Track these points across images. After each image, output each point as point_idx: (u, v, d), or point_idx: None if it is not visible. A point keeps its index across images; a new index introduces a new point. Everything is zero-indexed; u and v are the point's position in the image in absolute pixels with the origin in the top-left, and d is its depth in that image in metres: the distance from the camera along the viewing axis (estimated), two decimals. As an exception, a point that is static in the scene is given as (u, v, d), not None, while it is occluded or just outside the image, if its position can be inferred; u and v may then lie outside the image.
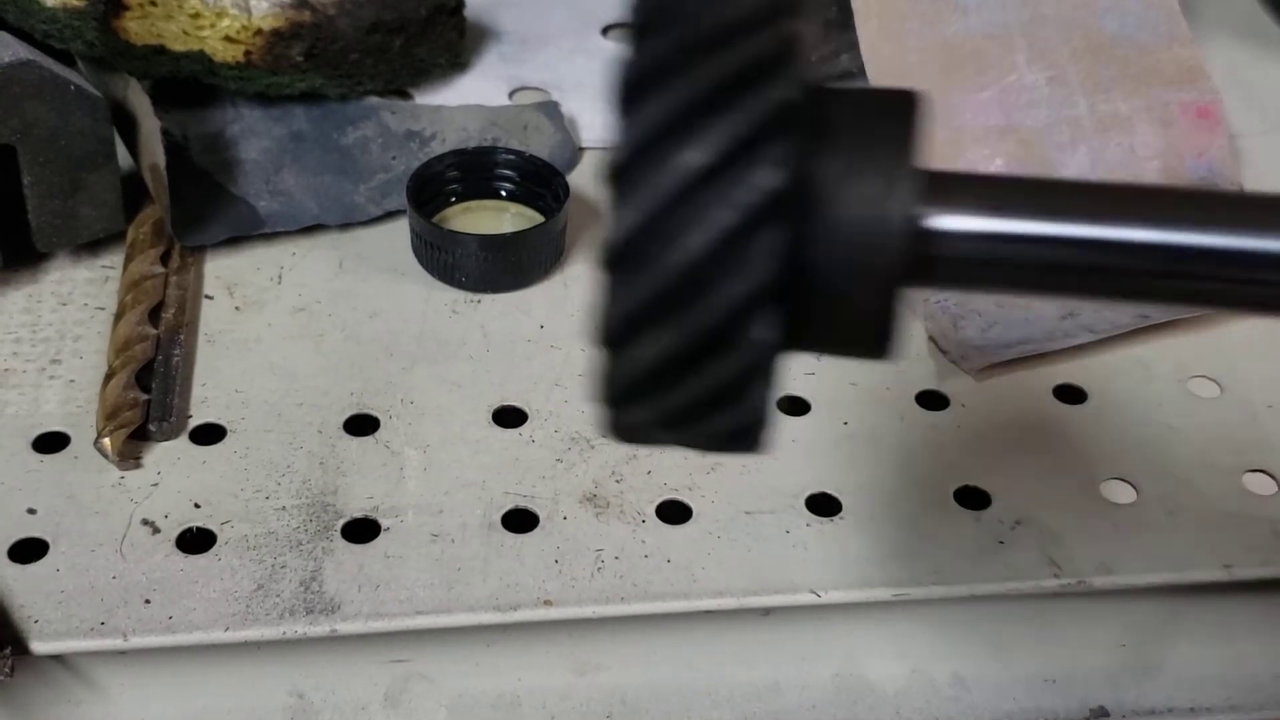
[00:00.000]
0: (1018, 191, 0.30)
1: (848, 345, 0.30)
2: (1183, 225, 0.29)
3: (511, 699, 0.50)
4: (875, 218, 0.28)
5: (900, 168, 0.28)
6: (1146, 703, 0.52)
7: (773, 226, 0.26)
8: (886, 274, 0.28)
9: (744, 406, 0.28)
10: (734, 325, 0.27)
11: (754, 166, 0.26)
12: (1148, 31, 0.64)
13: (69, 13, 0.60)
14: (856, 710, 0.51)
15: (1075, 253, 0.29)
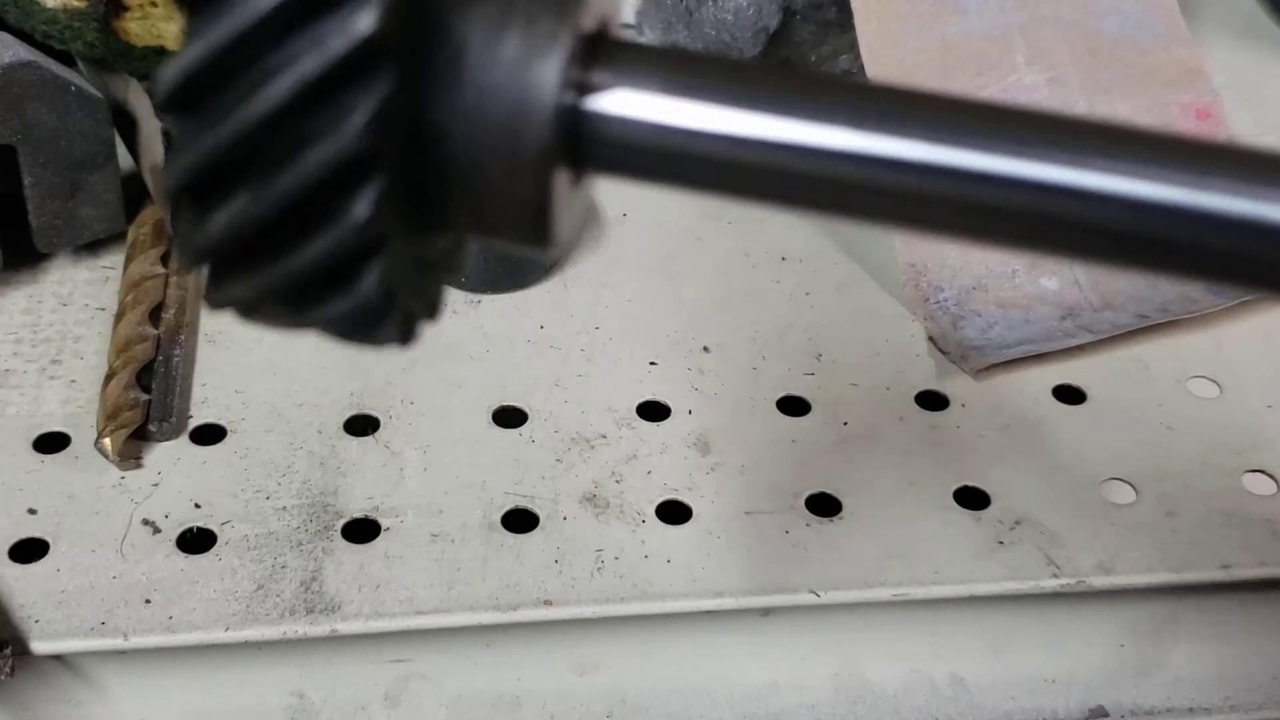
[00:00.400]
0: (704, 72, 0.26)
1: (499, 230, 0.26)
2: (888, 131, 0.25)
3: (511, 699, 0.50)
4: (522, 86, 0.24)
5: (560, 31, 0.24)
6: (1145, 702, 0.52)
7: (371, 82, 0.23)
8: (534, 153, 0.24)
9: (358, 289, 0.24)
10: (326, 195, 0.23)
11: (352, 8, 0.22)
12: (1147, 33, 0.64)
13: (69, 13, 0.60)
14: (856, 710, 0.51)
15: (760, 153, 0.25)
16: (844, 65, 0.70)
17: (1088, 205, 0.24)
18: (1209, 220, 0.24)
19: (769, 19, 0.66)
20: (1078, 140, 0.25)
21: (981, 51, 0.63)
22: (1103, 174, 0.24)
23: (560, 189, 0.26)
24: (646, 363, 0.57)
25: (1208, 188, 0.24)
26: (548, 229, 0.26)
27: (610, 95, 0.25)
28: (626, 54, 0.26)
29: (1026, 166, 0.25)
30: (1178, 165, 0.24)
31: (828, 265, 0.62)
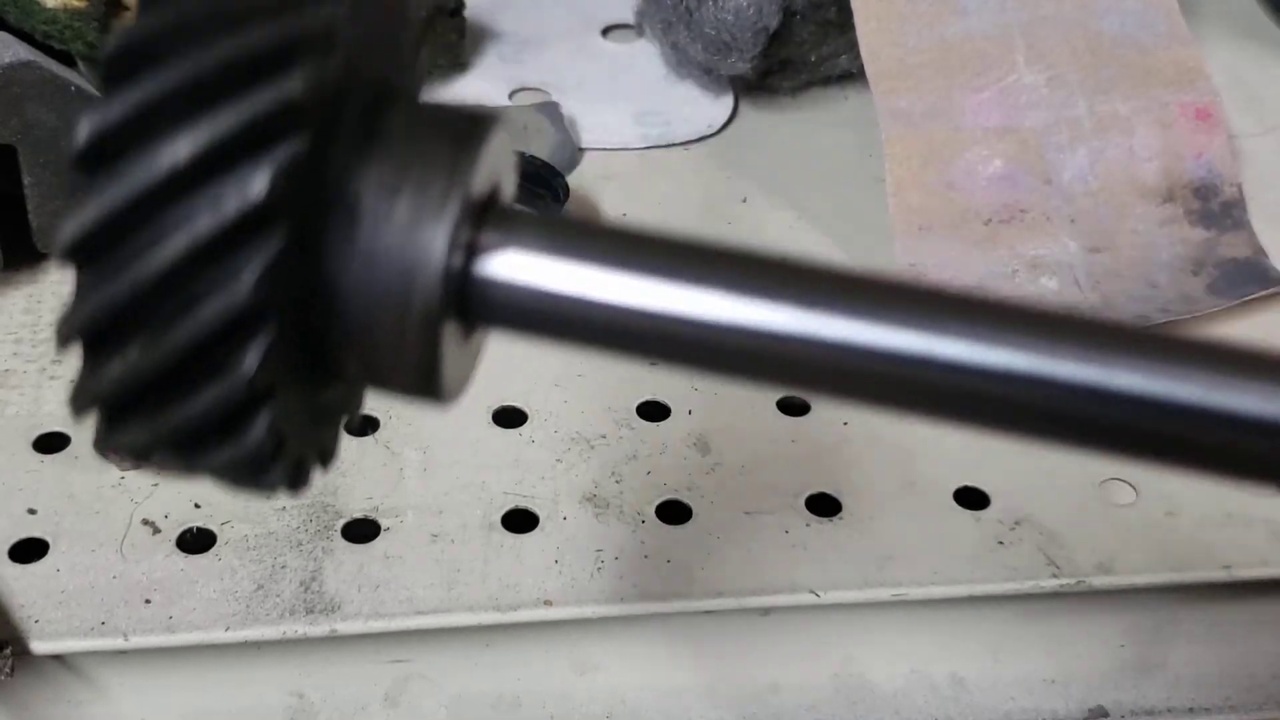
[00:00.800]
0: (584, 238, 0.27)
1: (390, 382, 0.27)
2: (758, 299, 0.26)
3: (511, 699, 0.50)
4: (412, 249, 0.25)
5: (450, 197, 0.25)
6: (1145, 703, 0.52)
7: (262, 242, 0.24)
8: (422, 314, 0.25)
9: (246, 439, 0.25)
10: (215, 349, 0.24)
11: (248, 171, 0.23)
12: (1147, 32, 0.64)
13: (69, 13, 0.61)
14: (856, 710, 0.51)
15: (632, 316, 0.26)
16: (844, 65, 0.70)
17: (932, 372, 0.26)
18: (1063, 388, 0.25)
19: (769, 19, 0.66)
20: (928, 309, 0.26)
21: (981, 51, 0.63)
22: (955, 342, 0.26)
23: (449, 345, 0.27)
24: (647, 363, 0.57)
25: (1056, 355, 0.25)
26: (437, 384, 0.27)
27: (496, 257, 0.26)
28: (513, 219, 0.27)
29: (878, 334, 0.26)
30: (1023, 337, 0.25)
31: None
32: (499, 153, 0.27)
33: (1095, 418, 0.25)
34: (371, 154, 0.25)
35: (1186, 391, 0.25)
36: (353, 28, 0.25)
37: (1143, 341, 0.25)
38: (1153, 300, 0.60)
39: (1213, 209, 0.63)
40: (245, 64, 0.24)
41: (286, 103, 0.23)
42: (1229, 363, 0.25)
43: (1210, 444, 0.25)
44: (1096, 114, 0.63)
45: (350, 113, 0.25)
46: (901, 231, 0.60)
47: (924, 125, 0.61)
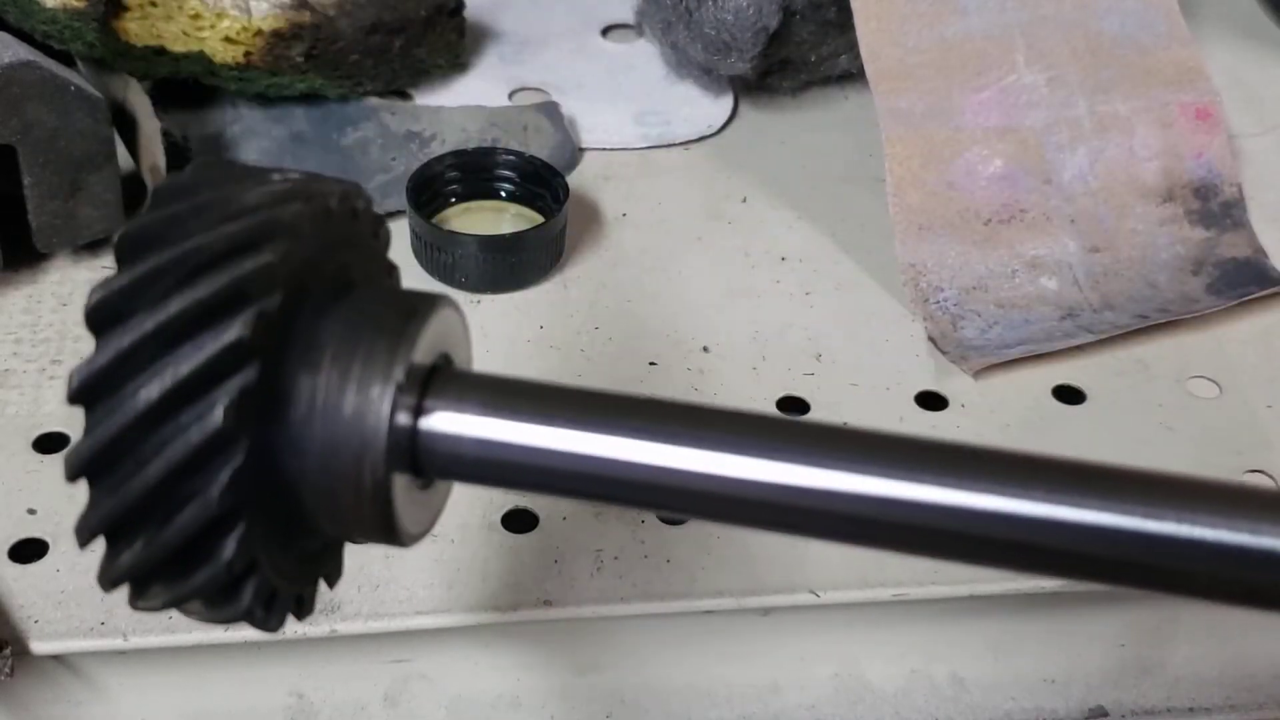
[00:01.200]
0: (518, 396, 0.31)
1: (358, 535, 0.32)
2: (678, 442, 0.30)
3: (511, 699, 0.50)
4: (361, 416, 0.30)
5: (394, 367, 0.30)
6: (1145, 702, 0.52)
7: (227, 457, 0.29)
8: (373, 469, 0.30)
9: (238, 603, 0.31)
10: (202, 540, 0.30)
11: (208, 403, 0.28)
12: (1147, 32, 0.64)
13: (69, 13, 0.61)
14: (856, 710, 0.51)
15: (554, 463, 0.30)
16: (844, 65, 0.70)
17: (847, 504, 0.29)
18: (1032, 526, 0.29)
19: (769, 19, 0.66)
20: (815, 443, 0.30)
21: (981, 51, 0.63)
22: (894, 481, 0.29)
23: (404, 497, 0.31)
24: (646, 363, 0.57)
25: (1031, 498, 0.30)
26: (396, 533, 0.32)
27: (440, 417, 0.31)
28: (456, 381, 0.31)
29: (771, 469, 0.29)
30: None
31: (828, 265, 0.62)
32: (447, 327, 0.32)
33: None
34: (324, 349, 0.30)
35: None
36: (296, 255, 0.30)
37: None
38: (1152, 300, 0.60)
39: (1212, 209, 0.63)
40: (199, 312, 0.29)
41: (234, 345, 0.29)
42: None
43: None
44: (1096, 114, 0.63)
45: (301, 322, 0.31)
46: (901, 231, 0.60)
47: (924, 125, 0.61)
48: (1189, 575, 0.28)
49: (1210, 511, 0.29)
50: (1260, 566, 0.28)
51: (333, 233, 0.32)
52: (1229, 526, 0.28)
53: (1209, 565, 0.28)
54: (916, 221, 0.60)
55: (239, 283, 0.29)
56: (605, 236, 0.63)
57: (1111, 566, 0.29)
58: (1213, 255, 0.62)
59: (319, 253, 0.31)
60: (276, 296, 0.29)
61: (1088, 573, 0.29)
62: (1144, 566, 0.29)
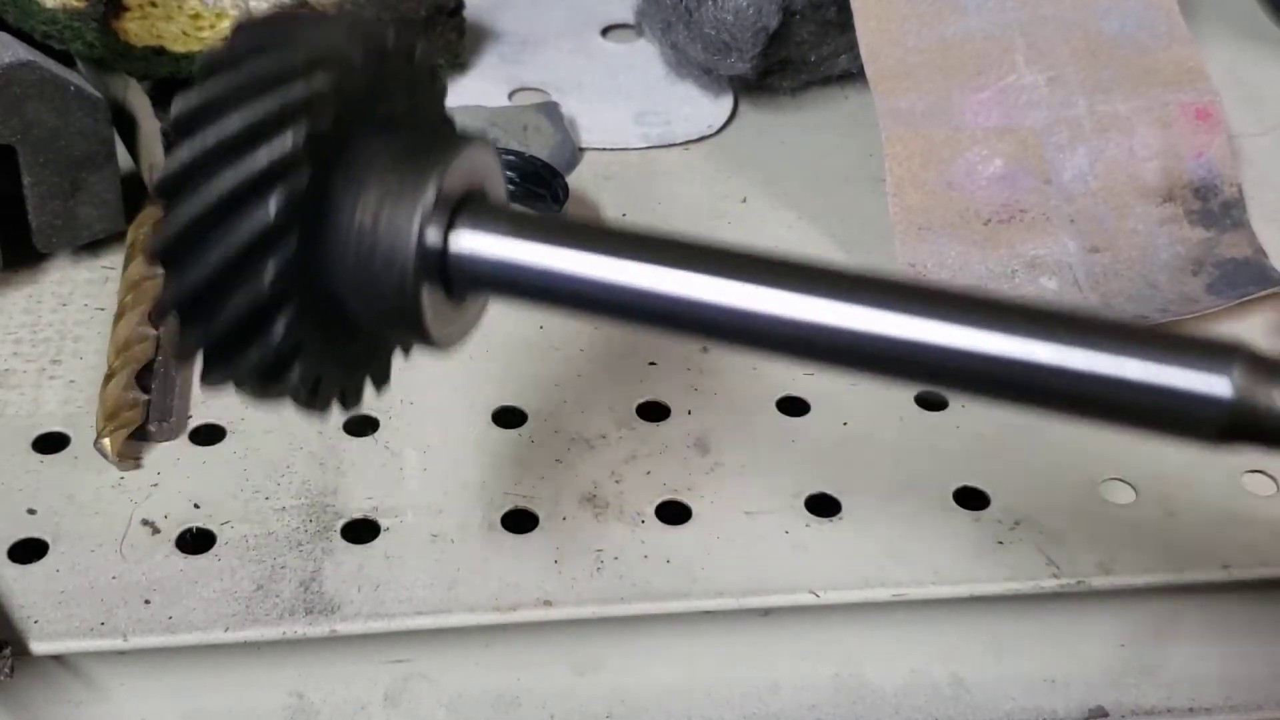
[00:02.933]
0: (535, 224, 0.36)
1: (396, 332, 0.38)
2: (678, 268, 0.34)
3: (511, 699, 0.50)
4: (395, 228, 0.35)
5: (425, 190, 0.35)
6: (1145, 703, 0.52)
7: (278, 248, 0.33)
8: (401, 273, 0.35)
9: (285, 381, 0.35)
10: (256, 323, 0.34)
11: (264, 199, 0.33)
12: (1147, 32, 0.64)
13: (69, 14, 0.61)
14: (856, 710, 0.51)
15: (573, 285, 0.35)
16: (844, 65, 0.70)
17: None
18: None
19: (769, 19, 0.66)
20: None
21: (981, 51, 0.63)
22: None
23: (434, 304, 0.36)
24: (646, 363, 0.57)
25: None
26: (427, 334, 0.36)
27: (466, 236, 0.35)
28: (488, 210, 0.36)
29: (722, 288, 0.34)
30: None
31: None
32: (479, 162, 0.37)
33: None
34: (369, 171, 0.35)
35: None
36: (348, 87, 0.34)
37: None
38: (1152, 300, 0.60)
39: (1212, 209, 0.63)
40: (260, 126, 0.33)
41: (288, 153, 0.33)
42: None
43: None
44: (1096, 114, 0.63)
45: (353, 145, 0.35)
46: (901, 231, 0.60)
47: (924, 125, 0.61)
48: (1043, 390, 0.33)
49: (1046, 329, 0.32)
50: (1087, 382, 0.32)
51: (388, 70, 0.36)
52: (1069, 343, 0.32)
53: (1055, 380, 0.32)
54: (916, 221, 0.60)
55: (296, 103, 0.33)
56: (605, 236, 0.63)
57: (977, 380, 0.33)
58: (1213, 255, 0.62)
59: (373, 85, 0.36)
60: (327, 116, 0.34)
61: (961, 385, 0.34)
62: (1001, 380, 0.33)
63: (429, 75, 0.39)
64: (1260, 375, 0.33)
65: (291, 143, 0.33)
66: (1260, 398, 0.33)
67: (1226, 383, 0.33)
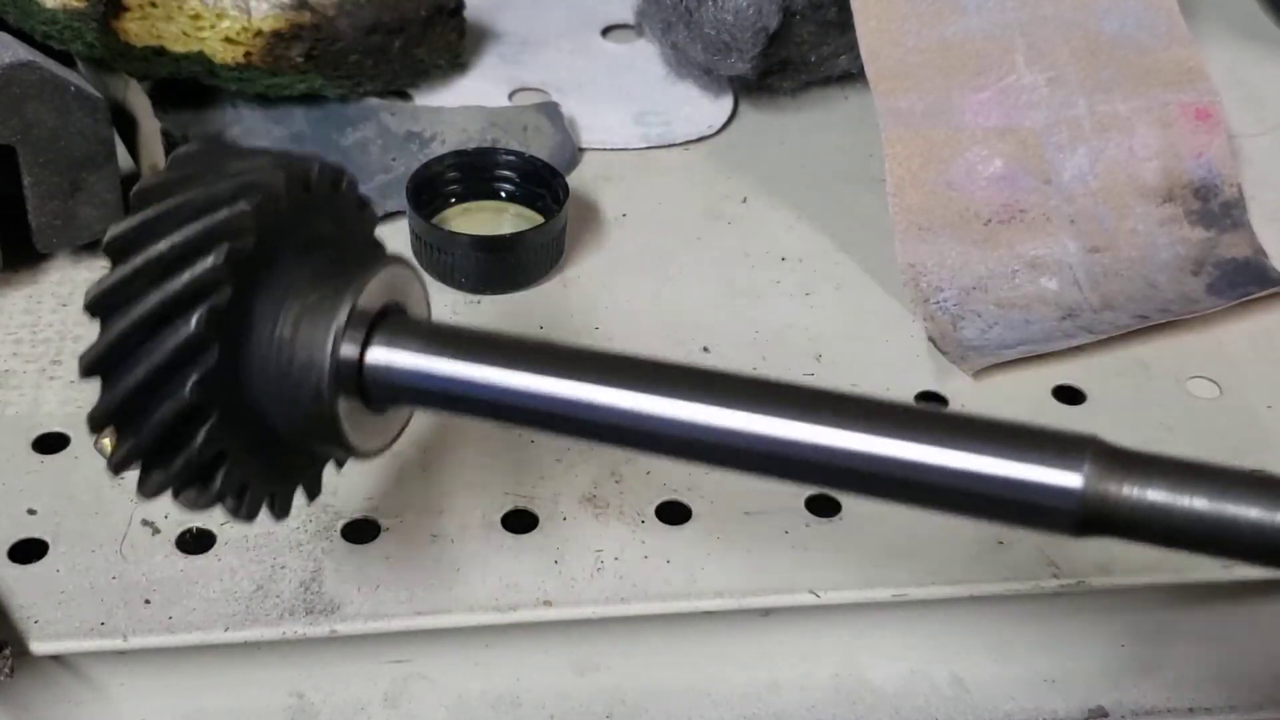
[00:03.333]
0: (450, 339, 0.38)
1: (322, 446, 0.40)
2: (567, 377, 0.36)
3: (511, 699, 0.50)
4: (311, 346, 0.37)
5: (340, 307, 0.37)
6: (1146, 703, 0.52)
7: (198, 364, 0.36)
8: (317, 390, 0.37)
9: (211, 488, 0.38)
10: (181, 432, 0.37)
11: (189, 315, 0.36)
12: (1147, 32, 0.64)
13: (69, 14, 0.61)
14: (856, 710, 0.51)
15: (474, 392, 0.37)
16: (844, 65, 0.70)
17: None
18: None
19: (769, 19, 0.66)
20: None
21: (982, 51, 0.63)
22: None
23: (352, 415, 0.38)
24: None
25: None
26: (347, 443, 0.39)
27: (378, 350, 0.38)
28: (400, 323, 0.38)
29: (620, 397, 0.36)
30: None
31: (828, 265, 0.62)
32: (397, 279, 0.39)
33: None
34: (289, 290, 0.37)
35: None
36: (270, 211, 0.37)
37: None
38: (1152, 300, 0.60)
39: (1212, 209, 0.63)
40: (186, 249, 0.36)
41: (211, 270, 0.36)
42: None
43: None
44: (1096, 114, 0.63)
45: (276, 268, 0.37)
46: (901, 231, 0.60)
47: (924, 125, 0.61)
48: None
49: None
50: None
51: (312, 200, 0.39)
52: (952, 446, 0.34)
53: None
54: (916, 222, 0.60)
55: (220, 226, 0.36)
56: (605, 236, 0.63)
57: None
58: (1213, 255, 0.62)
59: (296, 211, 0.38)
60: (250, 238, 0.36)
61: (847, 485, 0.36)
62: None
63: (355, 202, 0.41)
64: (1110, 468, 0.33)
65: (213, 263, 0.36)
66: (1110, 491, 0.33)
67: (1077, 477, 0.33)
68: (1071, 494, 0.33)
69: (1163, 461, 0.34)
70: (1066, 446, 0.33)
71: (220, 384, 0.36)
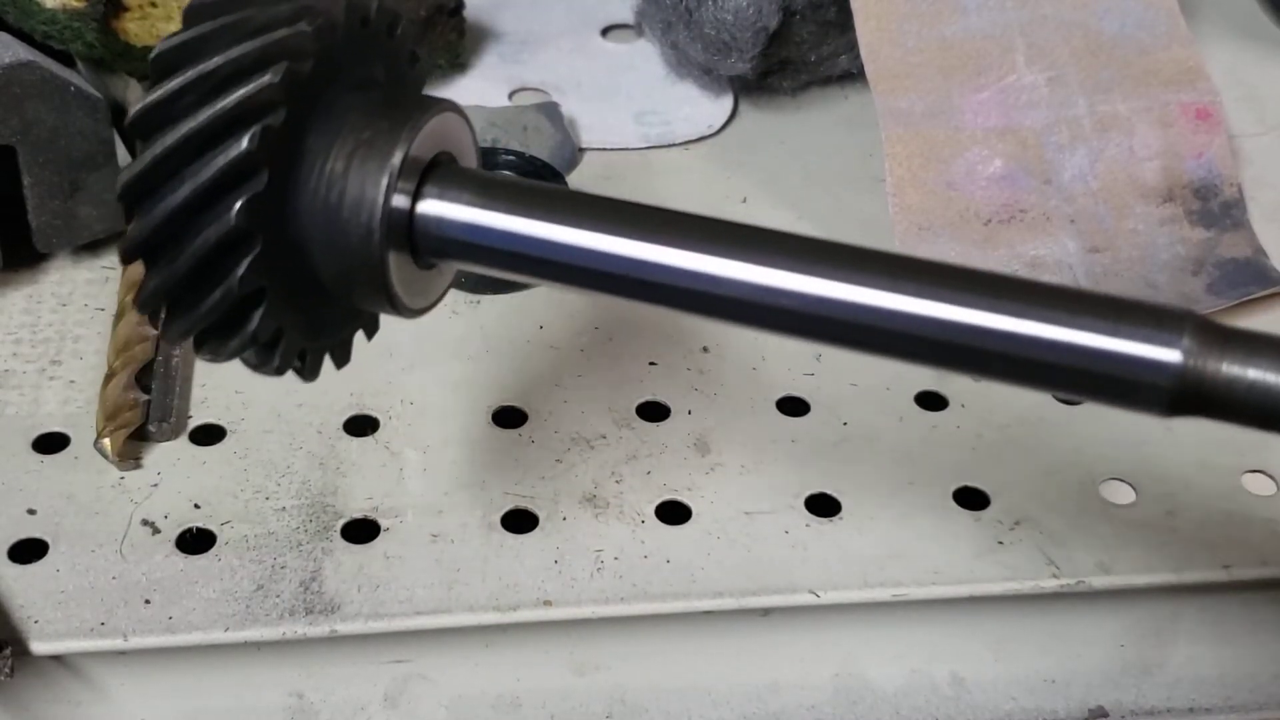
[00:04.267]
0: (502, 190, 0.36)
1: (363, 298, 0.37)
2: (620, 233, 0.35)
3: (511, 699, 0.50)
4: (362, 191, 0.35)
5: (394, 154, 0.35)
6: (1146, 703, 0.52)
7: (248, 181, 0.34)
8: (367, 237, 0.35)
9: (244, 329, 0.35)
10: (220, 263, 0.34)
11: (241, 133, 0.34)
12: (1147, 32, 0.64)
13: (69, 14, 0.61)
14: (856, 710, 0.51)
15: (527, 249, 0.36)
16: (844, 65, 0.70)
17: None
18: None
19: (769, 19, 0.66)
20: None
21: (982, 51, 0.63)
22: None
23: (402, 271, 0.36)
24: (646, 363, 0.57)
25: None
26: (394, 299, 0.36)
27: (430, 202, 0.36)
28: (451, 174, 0.36)
29: (684, 258, 0.36)
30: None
31: (827, 265, 0.62)
32: (449, 128, 0.37)
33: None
34: (339, 132, 0.35)
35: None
36: (328, 39, 0.35)
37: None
38: (1152, 300, 0.60)
39: (1212, 209, 0.63)
40: (240, 66, 0.34)
41: (265, 89, 0.34)
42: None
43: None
44: (1096, 114, 0.63)
45: (330, 96, 0.35)
46: (901, 231, 0.60)
47: (924, 125, 0.61)
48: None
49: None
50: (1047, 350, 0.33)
51: (368, 34, 0.37)
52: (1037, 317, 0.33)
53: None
54: (916, 221, 0.60)
55: (278, 45, 0.34)
56: (605, 236, 0.63)
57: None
58: (1213, 255, 0.62)
59: (353, 45, 0.36)
60: (308, 61, 0.34)
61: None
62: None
63: (408, 53, 0.39)
64: (1210, 343, 0.32)
65: (269, 81, 0.33)
66: (1209, 367, 0.32)
67: (1175, 352, 0.32)
68: (1168, 369, 0.32)
69: (1264, 339, 0.32)
70: (1164, 320, 0.32)
71: (267, 212, 0.34)
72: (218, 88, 0.34)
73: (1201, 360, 0.31)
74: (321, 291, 0.37)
